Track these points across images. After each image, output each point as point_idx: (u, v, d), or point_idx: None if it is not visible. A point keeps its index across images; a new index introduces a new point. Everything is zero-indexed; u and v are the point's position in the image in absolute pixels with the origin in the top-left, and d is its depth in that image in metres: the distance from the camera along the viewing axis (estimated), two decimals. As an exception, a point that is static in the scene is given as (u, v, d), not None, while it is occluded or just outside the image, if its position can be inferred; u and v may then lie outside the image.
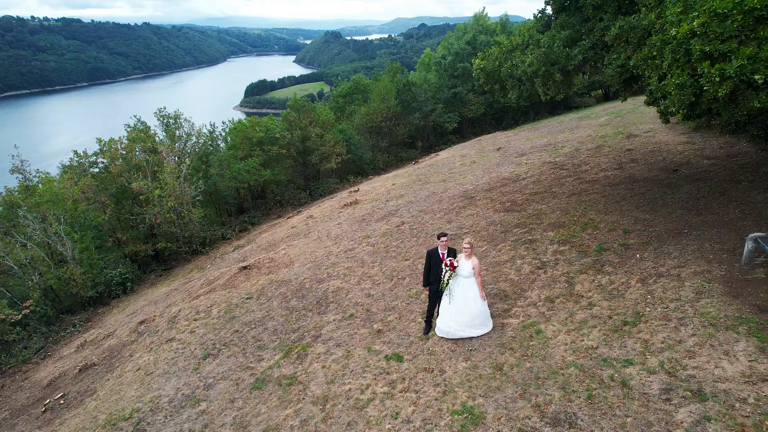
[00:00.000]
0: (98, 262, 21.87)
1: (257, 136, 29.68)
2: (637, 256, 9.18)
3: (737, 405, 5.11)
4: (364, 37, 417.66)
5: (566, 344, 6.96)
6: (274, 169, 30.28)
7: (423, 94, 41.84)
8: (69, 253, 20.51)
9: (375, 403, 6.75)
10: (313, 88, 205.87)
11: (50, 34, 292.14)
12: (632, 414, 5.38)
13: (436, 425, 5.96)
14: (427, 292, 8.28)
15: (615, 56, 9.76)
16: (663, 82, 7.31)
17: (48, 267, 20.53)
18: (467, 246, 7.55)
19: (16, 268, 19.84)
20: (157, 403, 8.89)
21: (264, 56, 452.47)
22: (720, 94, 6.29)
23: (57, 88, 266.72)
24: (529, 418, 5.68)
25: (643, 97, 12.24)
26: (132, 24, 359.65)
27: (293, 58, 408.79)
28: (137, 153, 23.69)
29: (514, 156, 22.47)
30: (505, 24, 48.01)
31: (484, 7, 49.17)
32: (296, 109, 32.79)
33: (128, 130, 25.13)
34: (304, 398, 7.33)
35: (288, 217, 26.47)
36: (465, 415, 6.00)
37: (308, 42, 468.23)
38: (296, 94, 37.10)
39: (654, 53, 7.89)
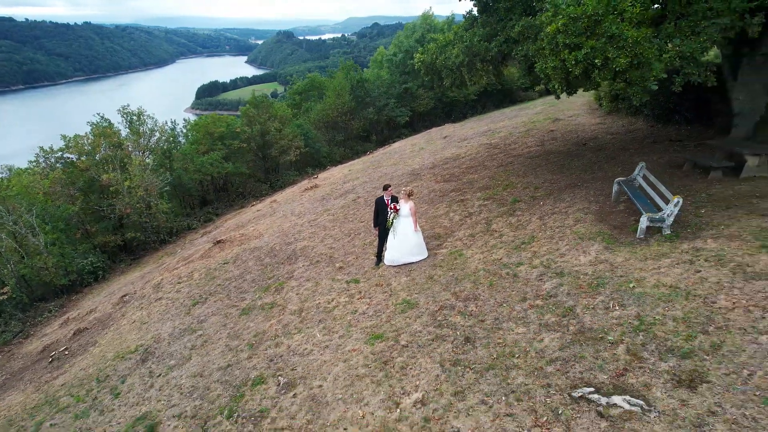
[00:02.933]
0: (69, 252, 22.90)
1: (219, 131, 31.11)
2: (541, 203, 11.82)
3: (581, 276, 7.67)
4: (317, 37, 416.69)
5: (479, 259, 9.42)
6: (235, 162, 31.81)
7: (376, 90, 44.18)
8: (41, 243, 21.48)
9: (339, 307, 8.97)
10: (266, 88, 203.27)
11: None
12: (516, 289, 7.86)
13: (383, 311, 8.26)
14: (377, 233, 10.58)
15: (520, 48, 12.36)
16: (544, 66, 9.88)
17: (21, 257, 21.43)
18: (405, 192, 9.91)
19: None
20: (159, 337, 10.72)
21: (214, 57, 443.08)
22: (576, 73, 8.89)
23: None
24: (448, 300, 8.06)
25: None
26: (71, 23, 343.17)
27: (245, 58, 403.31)
28: (104, 148, 24.74)
29: (457, 141, 25.13)
30: (451, 23, 50.96)
31: (430, 7, 52.11)
32: (255, 105, 34.37)
33: (93, 126, 26.06)
34: (284, 312, 9.45)
35: (251, 206, 28.13)
36: (404, 304, 8.32)
37: (260, 42, 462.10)
38: (254, 92, 38.45)
39: (543, 45, 10.46)
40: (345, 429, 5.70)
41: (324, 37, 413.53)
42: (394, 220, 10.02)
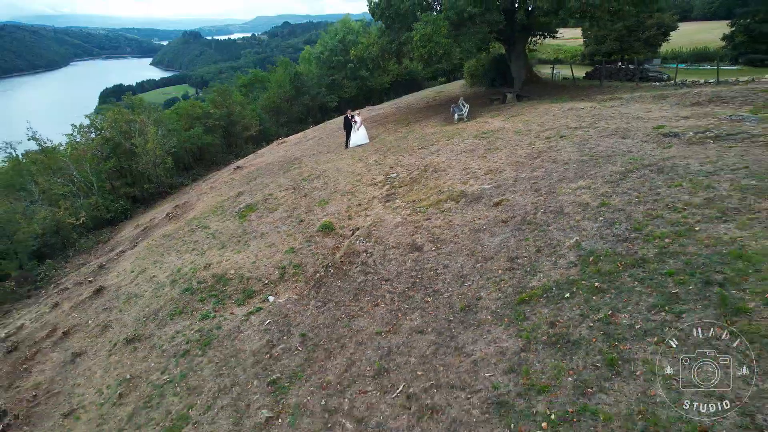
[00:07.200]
0: (108, 195, 32.29)
1: (197, 112, 41.03)
2: (420, 122, 24.40)
3: (429, 133, 20.23)
4: (225, 37, 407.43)
5: (391, 138, 21.75)
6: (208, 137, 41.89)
7: (309, 81, 55.48)
8: (95, 189, 30.85)
9: (333, 159, 20.86)
10: (176, 91, 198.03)
11: None
12: (406, 140, 20.27)
13: (353, 155, 20.30)
14: (346, 133, 22.60)
15: (406, 47, 24.83)
16: (414, 55, 22.30)
17: (79, 198, 30.59)
18: (357, 113, 22.00)
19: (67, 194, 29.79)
20: (239, 191, 21.69)
21: (115, 59, 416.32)
22: (426, 57, 21.42)
23: None
24: (379, 147, 20.31)
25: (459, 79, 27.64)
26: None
27: (150, 60, 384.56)
28: (123, 124, 34.13)
29: (377, 110, 37.56)
30: (364, 26, 63.45)
31: (348, 13, 64.18)
32: (220, 93, 44.50)
33: (108, 108, 35.20)
34: (306, 166, 21.09)
35: (229, 165, 38.55)
36: (362, 152, 20.40)
37: (165, 43, 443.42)
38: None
39: (414, 46, 22.91)
40: (357, 171, 17.72)
41: (233, 36, 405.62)
42: (353, 126, 22.09)
